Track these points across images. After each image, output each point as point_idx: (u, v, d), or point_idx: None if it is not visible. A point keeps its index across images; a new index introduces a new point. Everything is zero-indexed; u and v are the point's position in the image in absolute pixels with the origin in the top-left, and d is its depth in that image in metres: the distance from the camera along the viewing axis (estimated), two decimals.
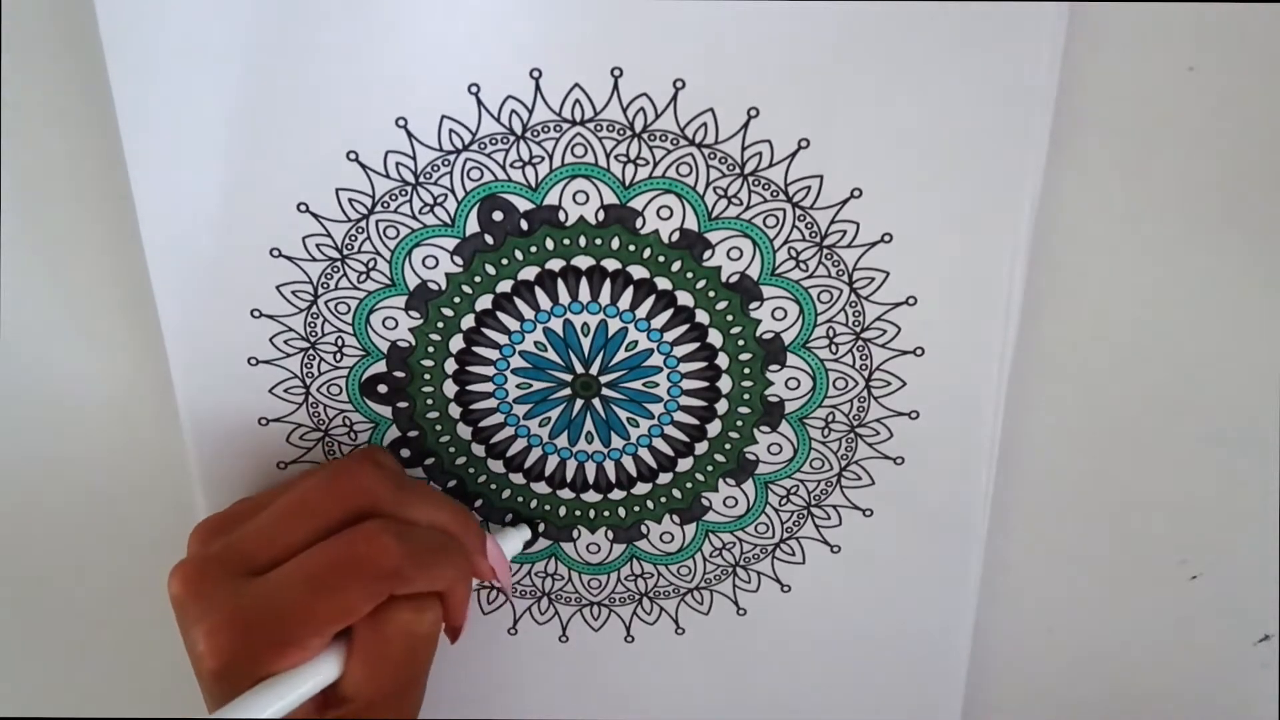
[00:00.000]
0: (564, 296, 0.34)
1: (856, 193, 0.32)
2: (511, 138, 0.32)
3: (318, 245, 0.33)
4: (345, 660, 0.30)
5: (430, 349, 0.35)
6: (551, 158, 0.32)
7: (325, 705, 0.30)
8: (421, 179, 0.32)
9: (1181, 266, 0.34)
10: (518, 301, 0.34)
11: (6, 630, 0.41)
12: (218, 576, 0.30)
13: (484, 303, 0.34)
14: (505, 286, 0.34)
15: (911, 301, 0.33)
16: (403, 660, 0.30)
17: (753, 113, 0.31)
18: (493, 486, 0.37)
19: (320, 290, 0.34)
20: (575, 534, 0.38)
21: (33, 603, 0.41)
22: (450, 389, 0.35)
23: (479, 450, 0.36)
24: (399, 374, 0.35)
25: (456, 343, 0.35)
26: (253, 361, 0.34)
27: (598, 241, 0.33)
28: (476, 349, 0.35)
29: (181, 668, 0.41)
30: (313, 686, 0.29)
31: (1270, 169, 0.32)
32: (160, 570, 0.39)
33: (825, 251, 0.33)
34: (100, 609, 0.41)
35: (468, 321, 0.34)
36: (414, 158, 0.32)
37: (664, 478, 0.37)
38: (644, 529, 0.38)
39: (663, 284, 0.34)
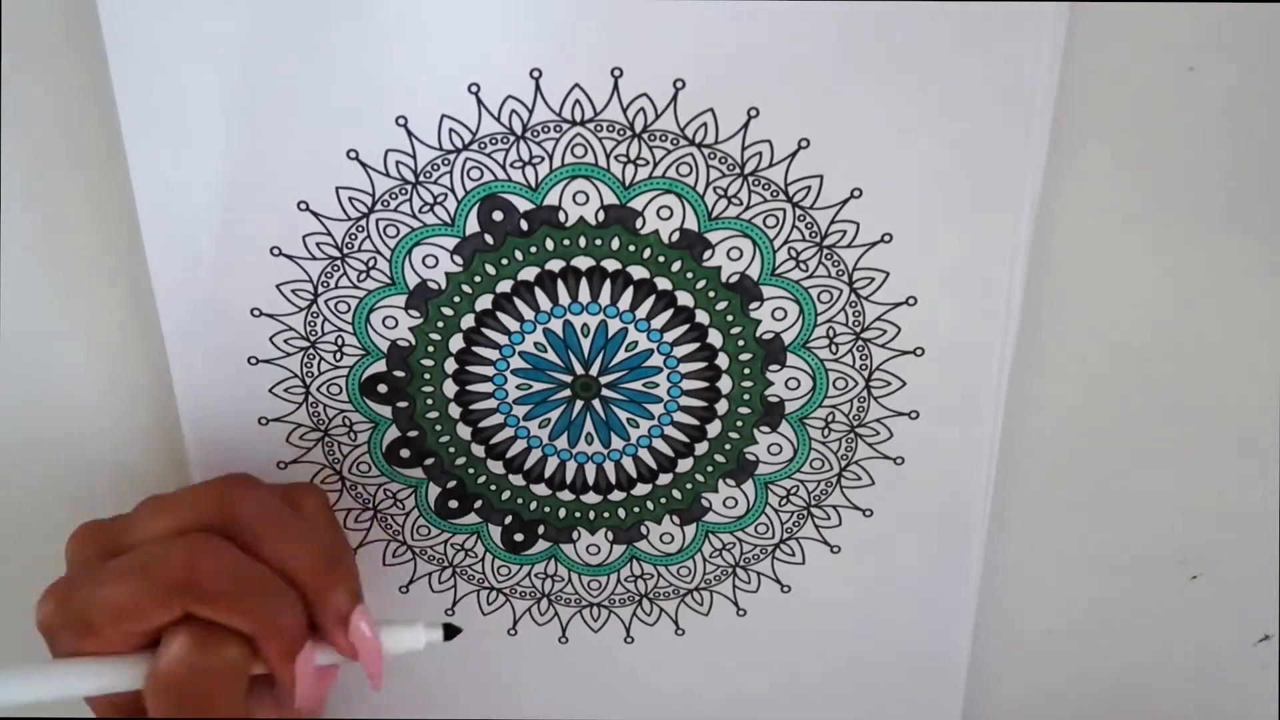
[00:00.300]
0: (564, 297, 0.34)
1: (856, 193, 0.32)
2: (511, 137, 0.32)
3: (318, 244, 0.33)
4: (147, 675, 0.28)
5: (430, 348, 0.35)
6: (551, 158, 0.32)
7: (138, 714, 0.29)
8: (422, 178, 0.32)
9: (1182, 266, 0.34)
10: (517, 302, 0.34)
11: (6, 630, 0.41)
12: (86, 549, 0.30)
13: (484, 303, 0.34)
14: (505, 286, 0.34)
15: (911, 301, 0.33)
16: (185, 691, 0.28)
17: (753, 113, 0.31)
18: (492, 487, 0.37)
19: (320, 289, 0.34)
20: (575, 535, 0.38)
21: (31, 602, 0.41)
22: (450, 389, 0.35)
23: (479, 451, 0.36)
24: (399, 373, 0.35)
25: (456, 342, 0.35)
26: (252, 361, 0.34)
27: (598, 242, 0.33)
28: (476, 349, 0.35)
29: None
30: (99, 685, 0.28)
31: (1271, 169, 0.32)
32: None
33: (825, 251, 0.33)
34: None
35: (468, 321, 0.34)
36: (414, 157, 0.32)
37: (664, 478, 0.37)
38: (644, 530, 0.38)
39: (663, 284, 0.34)
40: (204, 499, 0.30)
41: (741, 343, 0.35)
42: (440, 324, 0.34)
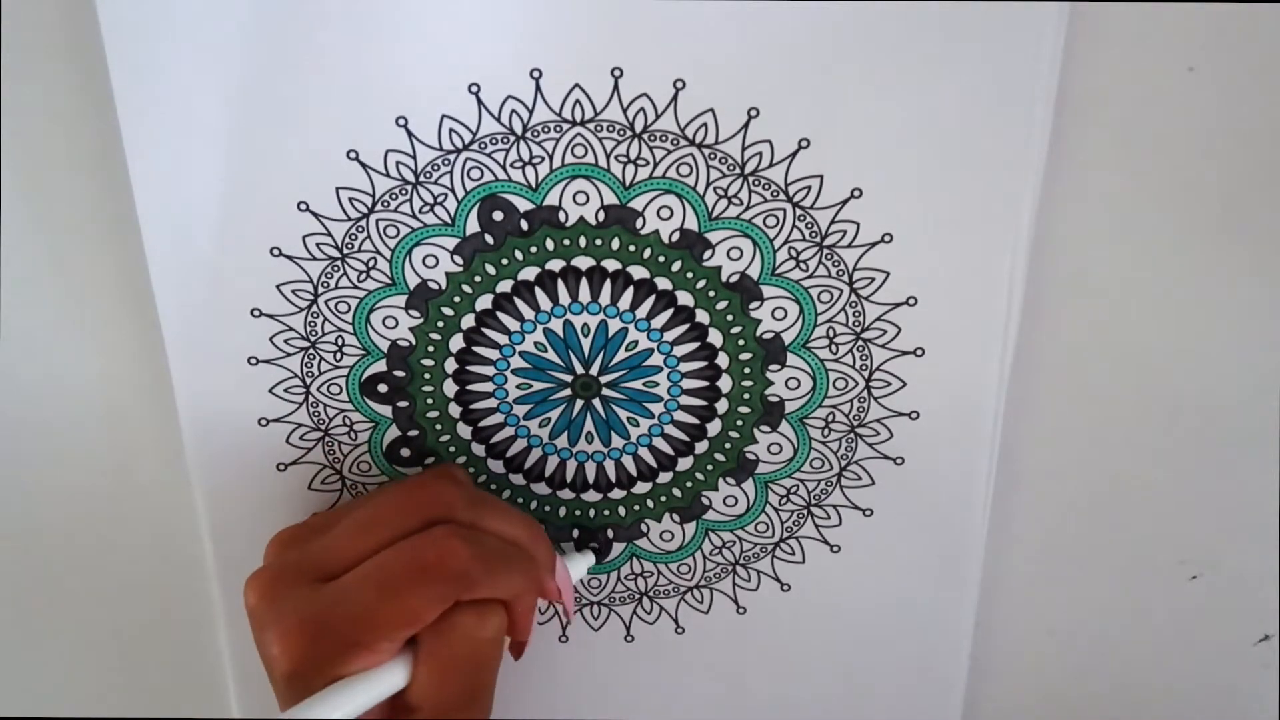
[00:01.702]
0: (564, 297, 0.34)
1: (856, 193, 0.32)
2: (512, 138, 0.32)
3: (318, 244, 0.33)
4: (413, 667, 0.30)
5: (430, 348, 0.35)
6: (552, 158, 0.32)
7: (394, 713, 0.30)
8: (422, 178, 0.32)
9: (1182, 266, 0.34)
10: (518, 302, 0.34)
11: (6, 630, 0.41)
12: (291, 583, 0.31)
13: (484, 302, 0.34)
14: (505, 286, 0.34)
15: (912, 302, 0.33)
16: (468, 667, 0.30)
17: (753, 113, 0.31)
18: (493, 487, 0.37)
19: (320, 289, 0.34)
20: (575, 534, 0.38)
21: (31, 602, 0.41)
22: (450, 388, 0.35)
23: (479, 450, 0.36)
24: (399, 373, 0.35)
25: (456, 342, 0.35)
26: (253, 361, 0.34)
27: (598, 242, 0.33)
28: (477, 349, 0.35)
29: (181, 668, 0.41)
30: (380, 692, 0.29)
31: (1270, 169, 0.32)
32: (159, 570, 0.40)
33: (825, 251, 0.33)
34: (99, 608, 0.41)
35: (468, 321, 0.34)
36: (414, 157, 0.32)
37: (664, 477, 0.37)
38: (644, 528, 0.38)
39: (663, 284, 0.34)
40: (409, 502, 0.32)
41: (741, 342, 0.35)
42: (440, 324, 0.34)
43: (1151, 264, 0.34)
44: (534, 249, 0.33)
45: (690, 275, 0.34)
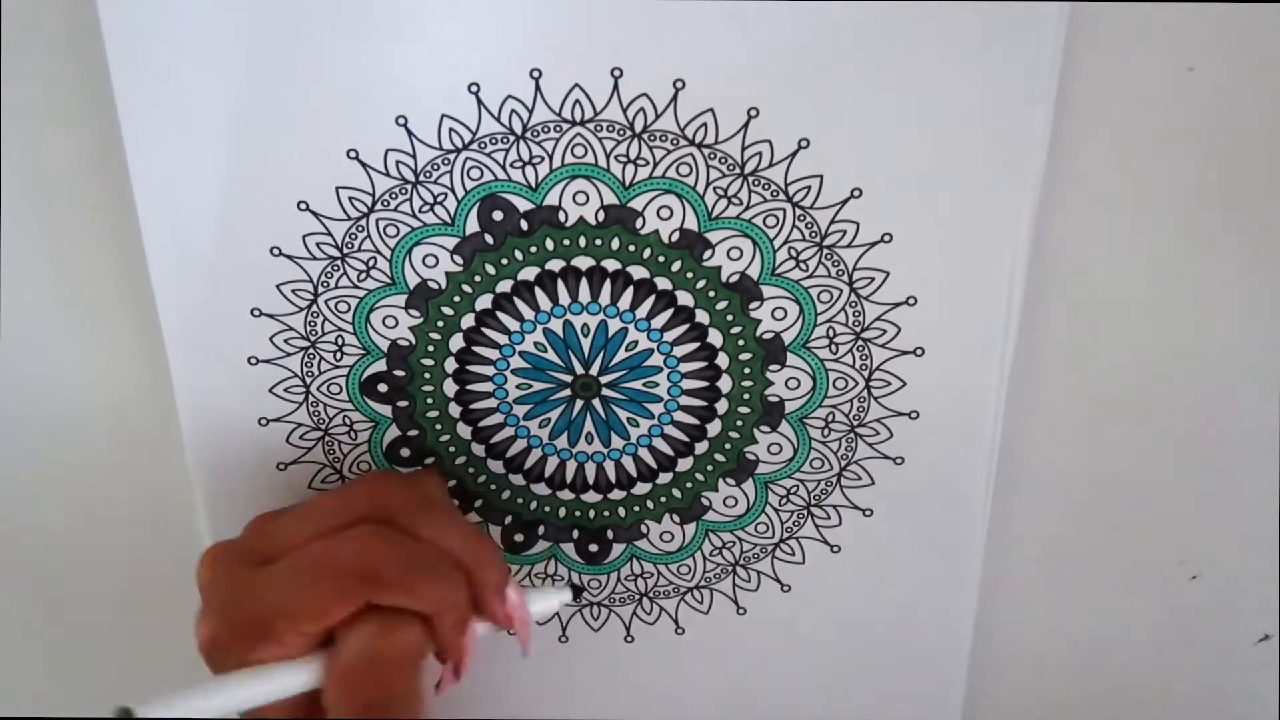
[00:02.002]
0: (564, 297, 0.34)
1: (856, 193, 0.32)
2: (511, 137, 0.32)
3: (318, 244, 0.33)
4: (326, 671, 0.29)
5: (430, 348, 0.35)
6: (551, 158, 0.32)
7: (311, 713, 0.30)
8: (422, 178, 0.32)
9: (1181, 266, 0.34)
10: (517, 302, 0.34)
11: (6, 630, 0.41)
12: (233, 563, 0.31)
13: (484, 302, 0.34)
14: (505, 286, 0.34)
15: (911, 301, 0.33)
16: (369, 679, 0.29)
17: (753, 113, 0.31)
18: (492, 487, 0.37)
19: (320, 289, 0.34)
20: (574, 535, 0.38)
21: (31, 602, 0.41)
22: (450, 388, 0.35)
23: (479, 450, 0.36)
24: (399, 373, 0.35)
25: (456, 342, 0.35)
26: (253, 360, 0.34)
27: (598, 242, 0.33)
28: (476, 348, 0.35)
29: (181, 668, 0.41)
30: (282, 687, 0.29)
31: (1270, 169, 0.32)
32: (159, 570, 0.40)
33: (825, 251, 0.33)
34: (99, 608, 0.41)
35: (468, 321, 0.34)
36: (414, 156, 0.32)
37: (664, 477, 0.37)
38: (644, 529, 0.38)
39: (663, 284, 0.34)
40: (353, 498, 0.31)
41: (741, 342, 0.35)
42: (440, 323, 0.34)
43: (1151, 264, 0.34)
44: (534, 249, 0.33)
45: (690, 275, 0.34)
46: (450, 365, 0.35)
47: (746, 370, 0.35)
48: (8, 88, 0.32)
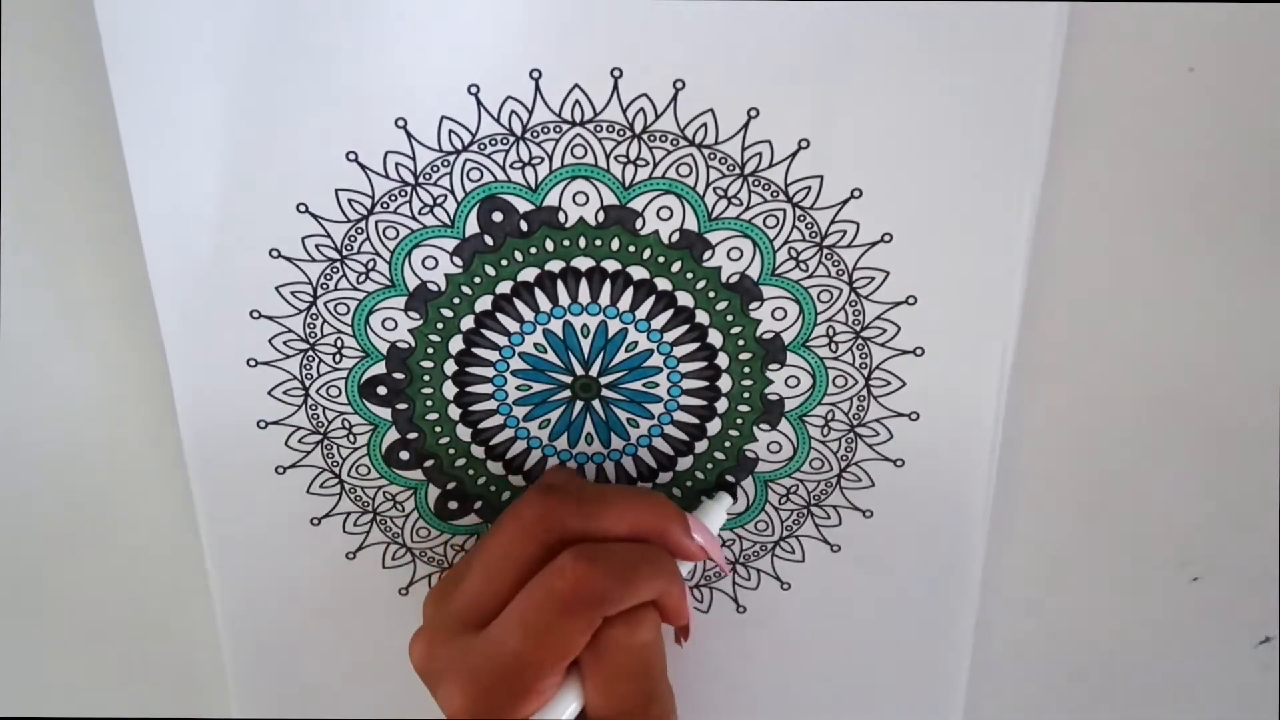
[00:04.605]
0: (564, 298, 0.34)
1: (856, 193, 0.32)
2: (511, 138, 0.32)
3: (317, 246, 0.33)
4: (583, 688, 0.31)
5: (430, 350, 0.35)
6: (551, 158, 0.32)
7: None
8: (421, 179, 0.32)
9: (1181, 266, 0.34)
10: (517, 303, 0.34)
11: (5, 630, 0.41)
12: (446, 639, 0.32)
13: (483, 304, 0.34)
14: (505, 288, 0.34)
15: (911, 301, 0.33)
16: (633, 674, 0.31)
17: (753, 113, 0.31)
18: (492, 489, 0.37)
19: (319, 291, 0.34)
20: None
21: (30, 603, 0.41)
22: (450, 390, 0.35)
23: (479, 452, 0.36)
24: (398, 375, 0.35)
25: (456, 344, 0.35)
26: (252, 363, 0.34)
27: (597, 242, 0.33)
28: (476, 350, 0.35)
29: (180, 669, 0.41)
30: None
31: (1270, 169, 0.32)
32: (158, 572, 0.40)
33: (825, 251, 0.33)
34: (97, 610, 0.41)
35: (467, 323, 0.34)
36: (414, 158, 0.32)
37: (664, 477, 0.37)
38: None
39: (663, 285, 0.34)
40: (521, 530, 0.32)
41: (741, 342, 0.35)
42: (440, 325, 0.34)
43: (1151, 264, 0.34)
44: (533, 250, 0.33)
45: (690, 276, 0.34)
46: (450, 367, 0.35)
47: (746, 370, 0.35)
48: (7, 88, 0.32)
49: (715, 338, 0.35)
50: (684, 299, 0.34)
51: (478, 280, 0.34)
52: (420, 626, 0.33)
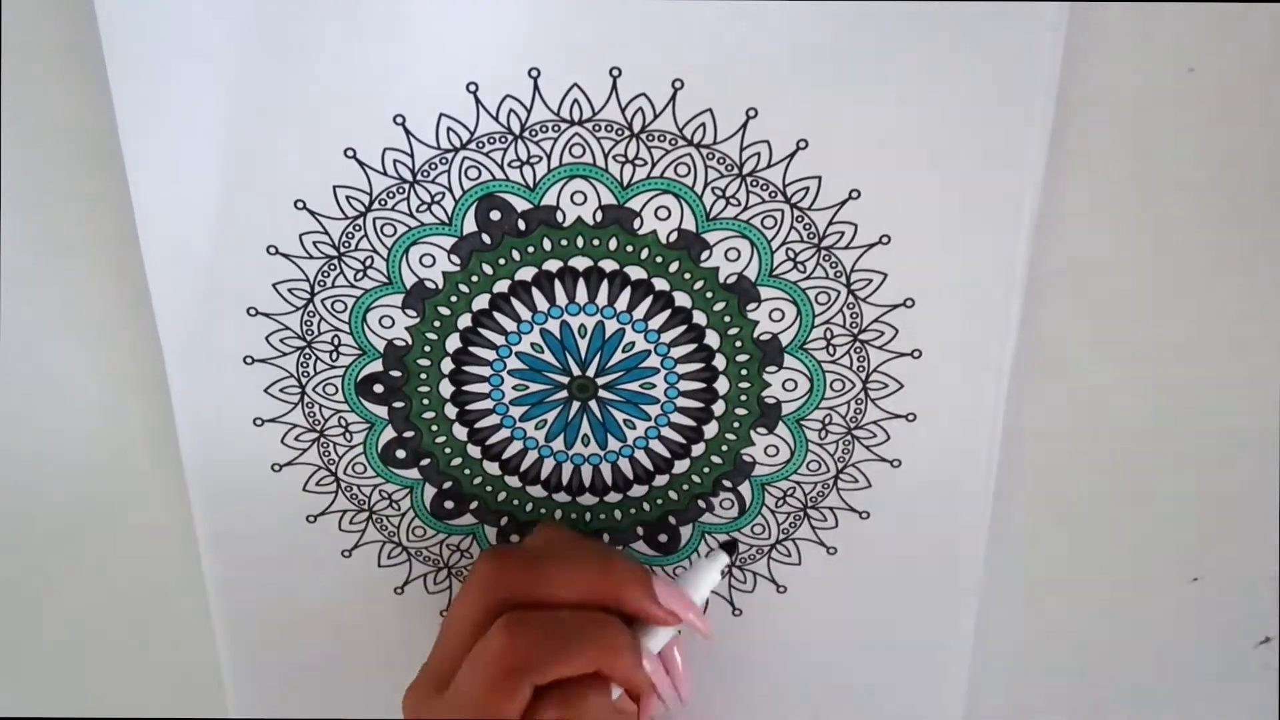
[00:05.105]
0: (561, 298, 0.34)
1: (855, 194, 0.32)
2: (510, 137, 0.32)
3: (315, 243, 0.33)
4: None
5: (427, 348, 0.35)
6: (549, 157, 0.32)
7: None
8: (419, 177, 0.32)
9: (1181, 266, 0.34)
10: (514, 302, 0.34)
11: (4, 630, 0.41)
12: (423, 697, 0.32)
13: (481, 302, 0.34)
14: (502, 287, 0.34)
15: (909, 303, 0.33)
16: None
17: (751, 113, 0.31)
18: (488, 488, 0.37)
19: (317, 288, 0.34)
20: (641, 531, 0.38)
21: (27, 602, 0.41)
22: (446, 389, 0.35)
23: (475, 452, 0.36)
24: (395, 373, 0.35)
25: (453, 342, 0.35)
26: (248, 360, 0.34)
27: (595, 242, 0.33)
28: (473, 349, 0.35)
29: (178, 668, 0.41)
30: None
31: (1270, 169, 0.32)
32: (155, 570, 0.40)
33: (823, 253, 0.33)
34: (94, 608, 0.41)
35: (464, 321, 0.34)
36: (412, 155, 0.32)
37: (660, 480, 0.37)
38: (639, 531, 0.38)
39: (660, 285, 0.34)
40: (472, 596, 0.31)
41: (739, 344, 0.34)
42: (437, 324, 0.34)
43: (1151, 265, 0.34)
44: (531, 249, 0.33)
45: (688, 276, 0.34)
46: (446, 366, 0.35)
47: (744, 372, 0.35)
48: (7, 89, 0.32)
49: (713, 339, 0.34)
50: (681, 299, 0.34)
51: (475, 279, 0.34)
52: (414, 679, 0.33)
